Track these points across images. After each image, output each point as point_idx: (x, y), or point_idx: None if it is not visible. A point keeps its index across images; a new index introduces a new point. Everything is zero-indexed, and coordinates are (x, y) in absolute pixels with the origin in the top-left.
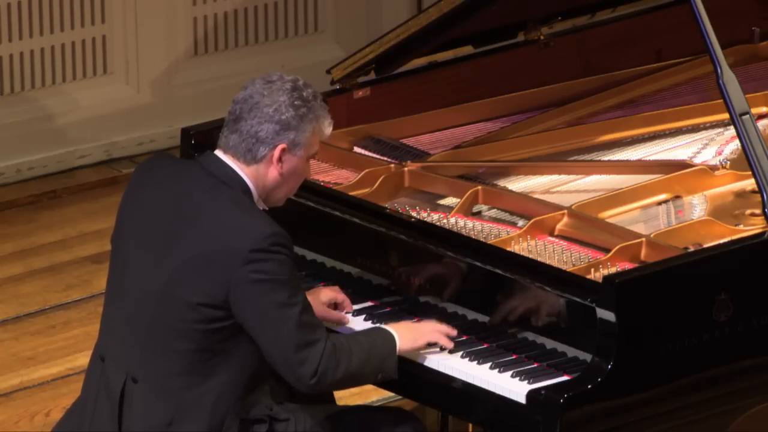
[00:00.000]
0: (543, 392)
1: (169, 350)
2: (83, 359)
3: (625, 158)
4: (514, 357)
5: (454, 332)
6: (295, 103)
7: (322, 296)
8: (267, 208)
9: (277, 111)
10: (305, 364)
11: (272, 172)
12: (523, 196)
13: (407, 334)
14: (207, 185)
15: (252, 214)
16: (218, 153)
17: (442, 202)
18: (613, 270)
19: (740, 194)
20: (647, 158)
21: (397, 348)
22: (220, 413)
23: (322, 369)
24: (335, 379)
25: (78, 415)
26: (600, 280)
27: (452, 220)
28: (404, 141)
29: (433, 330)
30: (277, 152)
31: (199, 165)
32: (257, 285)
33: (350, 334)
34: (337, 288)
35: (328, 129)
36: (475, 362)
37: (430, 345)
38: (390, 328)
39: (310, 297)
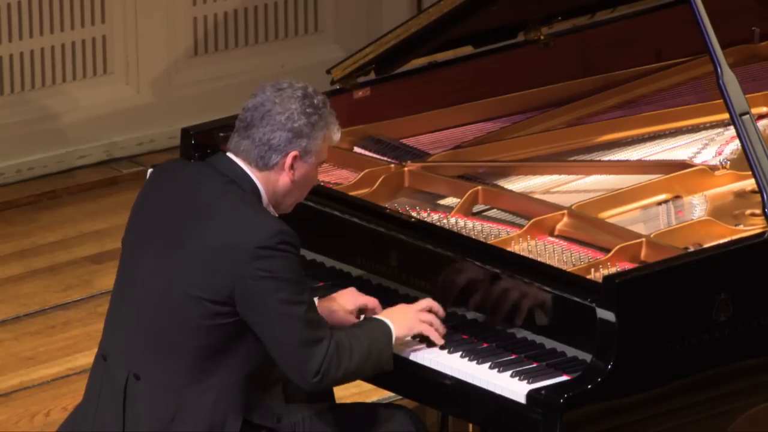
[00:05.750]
0: (543, 392)
1: (173, 346)
2: (83, 359)
3: (625, 158)
4: (513, 357)
5: (442, 312)
6: (307, 110)
7: (350, 302)
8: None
9: (290, 119)
10: (310, 362)
11: (284, 179)
12: (523, 196)
13: (402, 322)
14: (217, 184)
15: (260, 212)
16: (230, 155)
17: (442, 202)
18: (613, 270)
19: (740, 194)
20: (647, 158)
21: (393, 338)
22: (221, 412)
23: (325, 367)
24: (337, 377)
25: (82, 416)
26: (600, 280)
27: (452, 220)
28: (404, 141)
29: (425, 316)
30: (289, 159)
31: (210, 165)
32: (263, 282)
33: (348, 330)
34: (372, 300)
35: (336, 135)
36: (475, 362)
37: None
38: (384, 318)
39: (339, 299)
